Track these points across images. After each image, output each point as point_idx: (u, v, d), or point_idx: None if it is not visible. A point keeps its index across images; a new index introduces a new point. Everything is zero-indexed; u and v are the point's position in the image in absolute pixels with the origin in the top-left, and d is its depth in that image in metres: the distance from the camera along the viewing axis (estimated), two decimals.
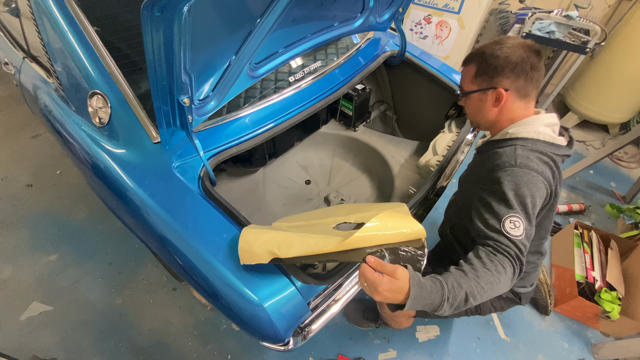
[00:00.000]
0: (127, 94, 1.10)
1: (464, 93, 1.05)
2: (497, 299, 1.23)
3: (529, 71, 0.93)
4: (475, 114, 1.06)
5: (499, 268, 0.79)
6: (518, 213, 0.85)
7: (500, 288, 0.79)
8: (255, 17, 0.93)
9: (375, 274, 0.72)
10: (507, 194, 0.86)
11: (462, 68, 1.08)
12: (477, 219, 0.90)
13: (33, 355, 1.54)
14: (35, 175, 2.31)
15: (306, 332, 1.02)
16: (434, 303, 0.73)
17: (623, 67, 2.53)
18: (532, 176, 0.88)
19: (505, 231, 0.83)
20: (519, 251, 0.82)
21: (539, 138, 0.93)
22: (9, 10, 1.54)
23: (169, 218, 1.01)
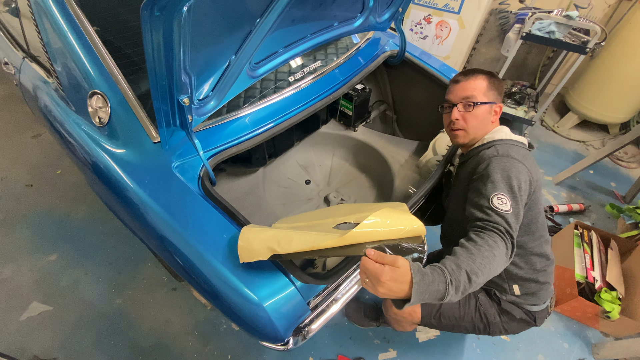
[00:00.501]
0: (127, 93, 1.10)
1: (482, 102, 1.09)
2: (510, 321, 1.18)
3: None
4: (479, 126, 1.11)
5: (490, 243, 0.82)
6: (504, 191, 0.93)
7: (498, 262, 0.80)
8: (255, 17, 0.93)
9: (376, 264, 0.71)
10: (493, 176, 0.95)
11: (465, 80, 1.11)
12: (468, 205, 0.98)
13: (33, 355, 1.54)
14: (35, 175, 2.31)
15: (306, 332, 1.02)
16: (439, 289, 0.71)
17: (623, 67, 2.53)
18: (515, 162, 0.98)
19: (493, 206, 0.89)
20: (508, 225, 0.87)
21: (510, 138, 1.09)
22: (9, 10, 1.54)
23: (168, 218, 1.01)
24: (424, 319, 1.23)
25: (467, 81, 1.11)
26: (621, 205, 2.33)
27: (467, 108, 1.10)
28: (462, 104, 1.11)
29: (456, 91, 1.13)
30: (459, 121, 1.12)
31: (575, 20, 2.40)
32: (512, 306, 1.16)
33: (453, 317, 1.20)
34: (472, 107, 1.09)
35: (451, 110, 1.14)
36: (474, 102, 1.09)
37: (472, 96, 1.09)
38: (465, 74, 1.13)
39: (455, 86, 1.14)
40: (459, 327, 1.22)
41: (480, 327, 1.20)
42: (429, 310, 1.21)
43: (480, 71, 1.12)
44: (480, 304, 1.19)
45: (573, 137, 3.01)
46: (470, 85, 1.10)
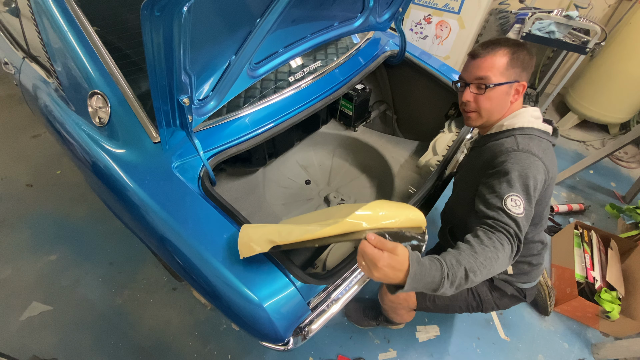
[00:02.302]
0: (126, 93, 1.10)
1: (497, 84, 0.97)
2: (501, 297, 1.21)
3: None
4: (494, 109, 1.01)
5: (496, 244, 0.79)
6: (519, 192, 0.87)
7: (499, 264, 0.78)
8: (255, 17, 0.93)
9: (375, 249, 0.70)
10: (510, 175, 0.88)
11: (482, 56, 0.98)
12: (479, 201, 0.92)
13: (33, 355, 1.54)
14: (35, 175, 2.31)
15: (306, 332, 1.02)
16: (434, 281, 0.71)
17: (623, 67, 2.53)
18: (534, 160, 0.91)
19: (506, 208, 0.84)
20: (518, 229, 0.83)
21: (532, 126, 0.99)
22: (9, 10, 1.54)
23: (168, 218, 1.01)
24: (420, 303, 1.25)
25: (484, 58, 0.98)
26: (621, 205, 2.33)
27: (480, 90, 0.99)
28: (475, 85, 1.00)
29: (470, 69, 1.01)
30: (471, 103, 1.02)
31: (575, 20, 2.40)
32: (504, 283, 1.20)
33: (446, 298, 1.23)
34: (484, 89, 0.98)
35: (464, 90, 1.03)
36: (486, 85, 0.98)
37: (486, 77, 0.97)
38: (485, 46, 0.99)
39: (471, 62, 1.01)
40: (454, 307, 1.25)
41: (473, 304, 1.23)
42: (423, 295, 1.24)
43: (503, 43, 0.97)
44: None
45: (573, 137, 3.01)
46: (487, 63, 0.97)
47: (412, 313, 1.46)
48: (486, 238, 0.80)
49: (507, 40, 0.98)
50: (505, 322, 1.79)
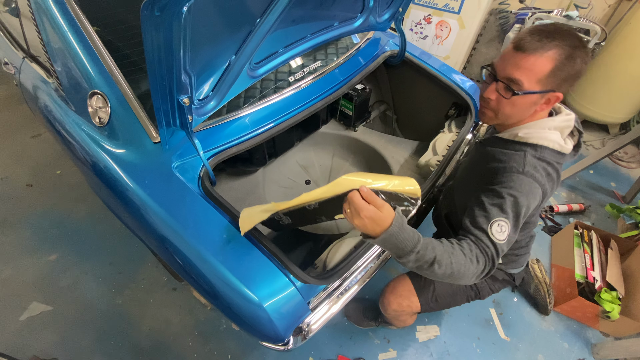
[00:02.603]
0: (126, 93, 1.10)
1: (527, 92, 0.83)
2: (494, 282, 1.26)
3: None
4: (515, 115, 0.90)
5: (472, 258, 0.80)
6: (508, 219, 0.84)
7: (466, 275, 0.80)
8: (255, 17, 0.93)
9: (362, 201, 0.72)
10: (504, 199, 0.85)
11: (526, 53, 0.81)
12: (468, 214, 0.90)
13: (33, 355, 1.54)
14: (35, 175, 2.31)
15: (306, 332, 1.02)
16: (404, 249, 0.74)
17: (623, 67, 2.53)
18: (534, 187, 0.86)
19: (490, 233, 0.83)
20: (496, 253, 0.83)
21: (547, 146, 0.89)
22: (9, 10, 1.54)
23: (168, 218, 1.01)
24: (423, 306, 1.26)
25: (527, 55, 0.80)
26: (621, 205, 2.33)
27: (506, 92, 0.86)
28: (503, 85, 0.86)
29: (507, 62, 0.84)
30: (492, 102, 0.90)
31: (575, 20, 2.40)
32: (496, 270, 1.22)
33: (448, 295, 1.25)
34: (511, 94, 0.85)
35: (490, 84, 0.89)
36: (514, 91, 0.84)
37: (518, 81, 0.82)
38: (537, 37, 0.80)
39: (511, 54, 0.84)
40: (455, 302, 1.27)
41: (472, 294, 1.26)
42: (426, 296, 1.25)
43: (559, 39, 0.79)
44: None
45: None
46: (527, 63, 0.81)
47: (414, 317, 1.46)
48: (467, 248, 0.82)
49: (566, 35, 0.79)
50: (505, 322, 1.79)
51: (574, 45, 0.79)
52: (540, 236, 2.18)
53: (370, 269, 1.20)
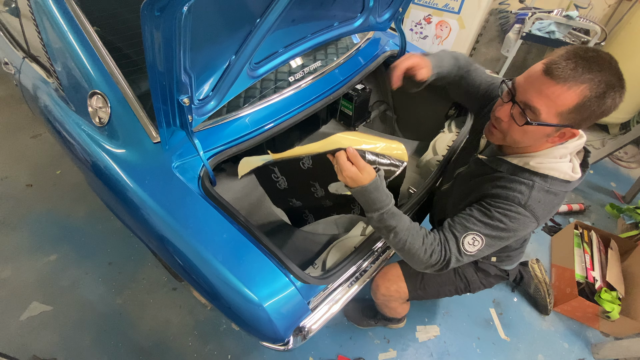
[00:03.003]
0: (127, 93, 1.10)
1: (542, 124, 0.75)
2: (486, 277, 1.27)
3: None
4: (524, 143, 0.84)
5: (428, 249, 0.87)
6: (487, 240, 0.86)
7: (415, 259, 0.89)
8: (255, 17, 0.93)
9: (346, 162, 0.85)
10: (493, 222, 0.85)
11: (555, 81, 0.71)
12: (453, 213, 0.94)
13: (33, 355, 1.54)
14: (35, 175, 2.31)
15: (306, 332, 1.02)
16: (372, 207, 0.87)
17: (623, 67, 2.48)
18: (530, 221, 0.85)
19: (461, 242, 0.87)
20: (455, 260, 0.88)
21: (557, 177, 0.84)
22: (9, 10, 1.54)
23: (168, 218, 1.01)
24: (411, 293, 1.28)
25: (555, 85, 0.71)
26: (621, 205, 2.33)
27: (520, 119, 0.77)
28: (519, 110, 0.77)
29: (531, 85, 0.75)
30: (503, 123, 0.82)
31: (575, 20, 2.40)
32: (487, 265, 1.25)
33: (436, 283, 1.27)
34: (524, 122, 0.76)
35: (506, 103, 0.81)
36: (528, 121, 0.76)
37: (535, 110, 0.74)
38: (571, 66, 0.70)
39: (538, 78, 0.74)
40: (444, 292, 1.29)
41: (462, 286, 1.28)
42: (413, 283, 1.27)
43: (597, 73, 0.70)
44: (458, 266, 1.23)
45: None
46: (553, 93, 0.71)
47: (405, 305, 1.47)
48: (430, 239, 0.88)
49: (605, 69, 0.71)
50: (505, 322, 1.79)
51: (610, 84, 0.71)
52: (540, 236, 2.18)
53: (371, 269, 1.20)
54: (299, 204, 1.35)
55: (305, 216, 1.44)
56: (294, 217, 1.48)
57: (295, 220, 1.49)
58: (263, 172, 1.12)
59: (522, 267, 1.83)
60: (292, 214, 1.47)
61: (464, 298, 1.85)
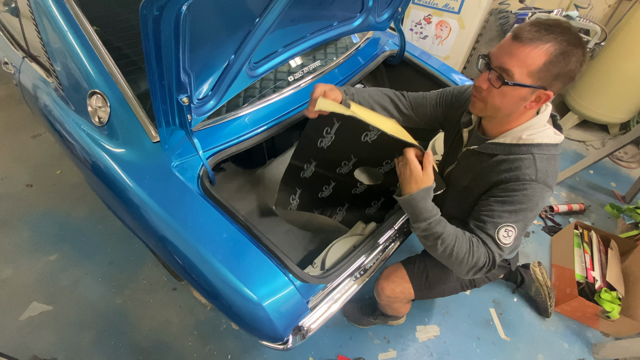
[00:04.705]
0: (126, 93, 1.10)
1: (516, 84, 0.81)
2: None
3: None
4: (504, 109, 0.88)
5: (475, 252, 0.87)
6: (517, 225, 0.88)
7: (463, 264, 0.88)
8: (254, 16, 0.93)
9: (417, 162, 0.91)
10: (517, 208, 0.87)
11: (522, 43, 0.78)
12: (475, 216, 0.94)
13: (33, 355, 1.54)
14: (35, 175, 2.31)
15: (305, 331, 1.02)
16: (419, 216, 0.90)
17: (623, 67, 2.52)
18: (546, 193, 0.88)
19: (497, 238, 0.88)
20: (499, 257, 0.89)
21: (550, 142, 0.90)
22: (8, 10, 1.54)
23: (168, 217, 1.01)
24: (417, 293, 1.28)
25: (522, 46, 0.78)
26: (621, 205, 2.33)
27: (496, 82, 0.83)
28: (495, 74, 0.83)
29: (502, 51, 0.82)
30: (483, 91, 0.87)
31: (575, 20, 2.40)
32: None
33: (441, 281, 1.26)
34: (501, 84, 0.82)
35: (483, 71, 0.87)
36: (504, 81, 0.81)
37: (509, 71, 0.80)
38: (535, 29, 0.78)
39: (507, 43, 0.81)
40: (450, 289, 1.29)
41: (466, 282, 1.28)
42: (419, 283, 1.26)
43: (558, 33, 0.76)
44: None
45: (573, 137, 3.01)
46: (522, 53, 0.78)
47: (408, 305, 1.47)
48: (475, 244, 0.89)
49: (565, 31, 0.77)
50: (505, 322, 1.79)
51: (571, 43, 0.77)
52: (540, 236, 2.18)
53: (370, 268, 1.20)
54: (322, 172, 1.27)
55: (320, 193, 1.36)
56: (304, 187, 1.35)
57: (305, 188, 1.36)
58: (318, 122, 1.06)
59: (523, 270, 1.83)
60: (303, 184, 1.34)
61: (464, 298, 1.85)
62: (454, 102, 1.16)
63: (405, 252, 1.67)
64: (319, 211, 1.42)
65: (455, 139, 1.14)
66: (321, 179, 1.29)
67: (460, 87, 1.18)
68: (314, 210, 1.42)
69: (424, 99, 1.21)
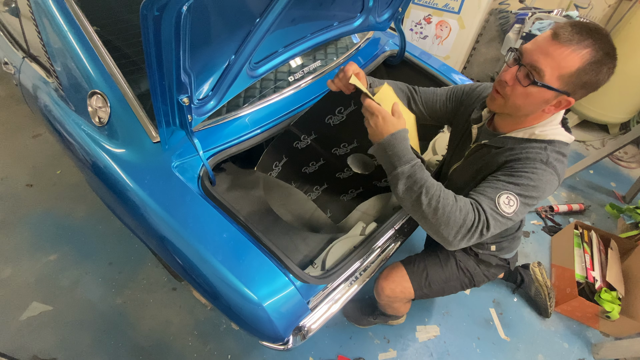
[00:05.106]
0: (126, 93, 1.10)
1: (545, 86, 0.79)
2: (488, 268, 1.27)
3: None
4: (524, 109, 0.86)
5: (463, 207, 0.79)
6: (520, 199, 0.82)
7: (449, 222, 0.78)
8: (255, 16, 0.93)
9: (377, 106, 0.84)
10: (523, 182, 0.82)
11: (561, 42, 0.75)
12: (475, 190, 0.87)
13: (33, 355, 1.54)
14: (35, 175, 2.31)
15: (305, 331, 1.02)
16: (402, 158, 0.81)
17: (623, 67, 2.49)
18: (554, 179, 0.85)
19: (497, 202, 0.81)
20: (494, 222, 0.80)
21: (562, 140, 0.89)
22: (8, 10, 1.54)
23: (168, 217, 1.01)
24: (417, 292, 1.27)
25: (561, 47, 0.75)
26: (621, 205, 2.33)
27: (524, 80, 0.80)
28: (525, 71, 0.80)
29: (538, 47, 0.79)
30: (507, 87, 0.84)
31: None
32: (488, 256, 1.25)
33: (441, 280, 1.26)
34: (529, 83, 0.80)
35: (512, 68, 0.84)
36: (533, 81, 0.79)
37: (541, 70, 0.78)
38: (576, 30, 0.75)
39: (546, 41, 0.78)
40: (449, 288, 1.29)
41: (466, 281, 1.27)
42: (418, 282, 1.26)
43: (598, 39, 0.74)
44: (460, 260, 1.26)
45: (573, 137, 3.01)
46: (559, 54, 0.75)
47: (408, 304, 1.47)
48: (462, 198, 0.82)
49: (604, 39, 0.75)
50: (505, 322, 1.79)
51: (608, 53, 0.75)
52: (540, 236, 2.18)
53: (370, 268, 1.20)
54: (317, 148, 1.26)
55: (305, 168, 1.34)
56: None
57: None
58: (335, 99, 1.07)
59: (523, 270, 1.83)
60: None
61: (464, 298, 1.85)
62: (465, 99, 1.16)
63: (405, 252, 1.67)
64: (297, 185, 1.42)
65: (464, 136, 1.13)
66: (312, 154, 1.28)
67: (471, 85, 1.17)
68: (292, 183, 1.43)
69: (434, 95, 1.20)
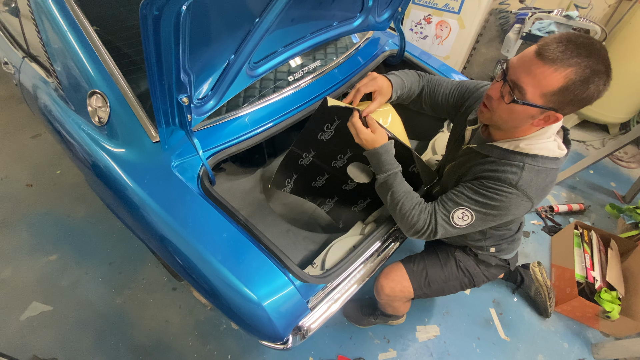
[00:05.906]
0: (126, 93, 1.10)
1: (526, 103, 0.78)
2: (487, 268, 1.28)
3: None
4: (510, 123, 0.86)
5: (416, 215, 0.96)
6: (476, 215, 0.91)
7: (403, 222, 0.98)
8: (254, 16, 0.93)
9: (362, 126, 1.00)
10: (484, 201, 0.89)
11: (544, 63, 0.73)
12: (445, 194, 0.98)
13: (33, 355, 1.54)
14: (35, 175, 2.31)
15: (305, 331, 1.02)
16: (382, 167, 0.99)
17: (623, 67, 2.52)
18: (523, 202, 0.88)
19: (451, 216, 0.93)
20: (443, 230, 0.94)
21: (548, 155, 0.87)
22: (8, 10, 1.54)
23: (168, 217, 1.01)
24: (416, 291, 1.28)
25: (542, 65, 0.73)
26: (621, 205, 2.33)
27: (508, 97, 0.80)
28: (508, 88, 0.80)
29: (521, 64, 0.77)
30: (493, 101, 0.85)
31: (575, 20, 2.40)
32: (488, 257, 1.25)
33: (440, 280, 1.27)
34: (511, 99, 0.79)
35: (498, 82, 0.84)
36: (515, 99, 0.78)
37: (522, 89, 0.77)
38: (560, 49, 0.71)
39: (529, 58, 0.76)
40: (449, 288, 1.29)
41: (466, 281, 1.28)
42: (418, 281, 1.27)
43: (584, 57, 0.71)
44: (460, 260, 1.26)
45: (573, 137, 3.01)
46: (539, 73, 0.74)
47: (408, 304, 1.47)
48: (422, 207, 0.97)
49: (593, 55, 0.71)
50: (505, 322, 1.79)
51: (595, 69, 0.71)
52: (540, 236, 2.18)
53: (370, 267, 1.20)
54: (319, 163, 1.33)
55: (314, 182, 1.42)
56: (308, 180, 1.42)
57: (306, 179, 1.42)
58: (321, 117, 1.14)
59: (523, 270, 1.83)
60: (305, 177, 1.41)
61: (464, 298, 1.85)
62: (466, 96, 1.16)
63: (405, 251, 1.67)
64: (310, 198, 1.49)
65: (459, 137, 1.14)
66: (317, 169, 1.34)
67: (476, 83, 1.15)
68: (305, 197, 1.49)
69: (438, 86, 1.22)
